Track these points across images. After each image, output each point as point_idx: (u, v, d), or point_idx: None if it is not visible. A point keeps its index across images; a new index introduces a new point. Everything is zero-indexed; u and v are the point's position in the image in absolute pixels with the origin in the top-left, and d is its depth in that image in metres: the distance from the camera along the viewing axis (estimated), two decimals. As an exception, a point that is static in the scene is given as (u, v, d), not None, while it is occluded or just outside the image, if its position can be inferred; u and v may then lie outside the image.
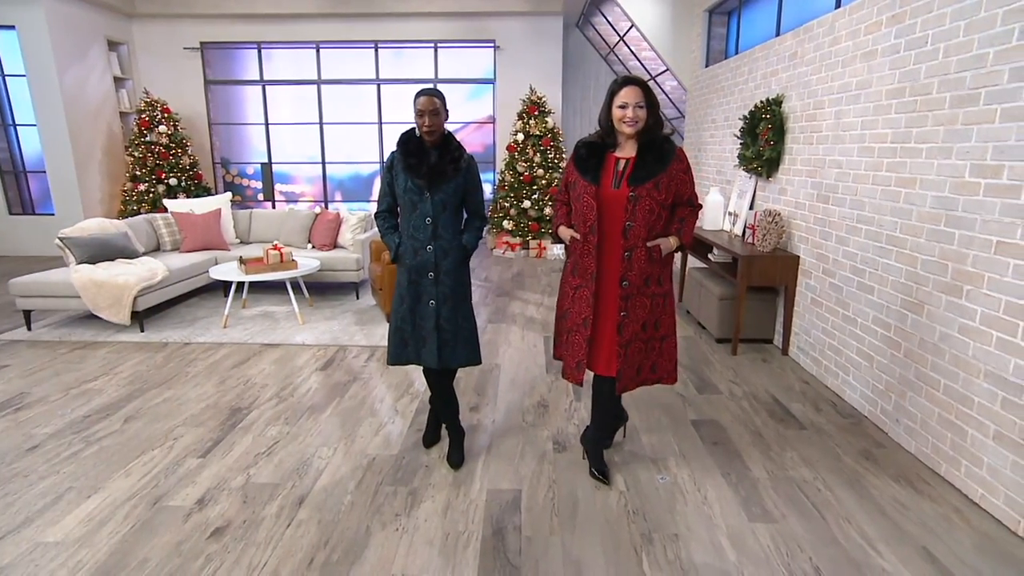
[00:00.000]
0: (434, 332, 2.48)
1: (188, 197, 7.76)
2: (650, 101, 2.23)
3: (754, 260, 3.92)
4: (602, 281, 2.33)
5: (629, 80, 2.24)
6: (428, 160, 2.43)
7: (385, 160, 2.51)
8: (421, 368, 2.64)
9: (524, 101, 7.82)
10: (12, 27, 6.93)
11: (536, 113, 7.72)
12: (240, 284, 5.46)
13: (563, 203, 2.52)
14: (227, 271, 4.70)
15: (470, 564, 2.01)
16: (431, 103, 2.37)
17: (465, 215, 2.62)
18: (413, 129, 2.49)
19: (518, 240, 7.70)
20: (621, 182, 2.25)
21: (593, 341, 2.38)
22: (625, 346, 2.31)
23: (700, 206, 2.39)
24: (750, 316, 4.16)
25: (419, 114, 2.39)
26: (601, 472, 2.51)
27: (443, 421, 2.77)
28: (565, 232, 2.45)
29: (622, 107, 2.22)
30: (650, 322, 2.35)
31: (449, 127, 2.55)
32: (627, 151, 2.29)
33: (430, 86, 2.45)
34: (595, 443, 2.59)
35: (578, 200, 2.33)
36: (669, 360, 2.44)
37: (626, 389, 2.37)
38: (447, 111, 2.46)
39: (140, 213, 7.51)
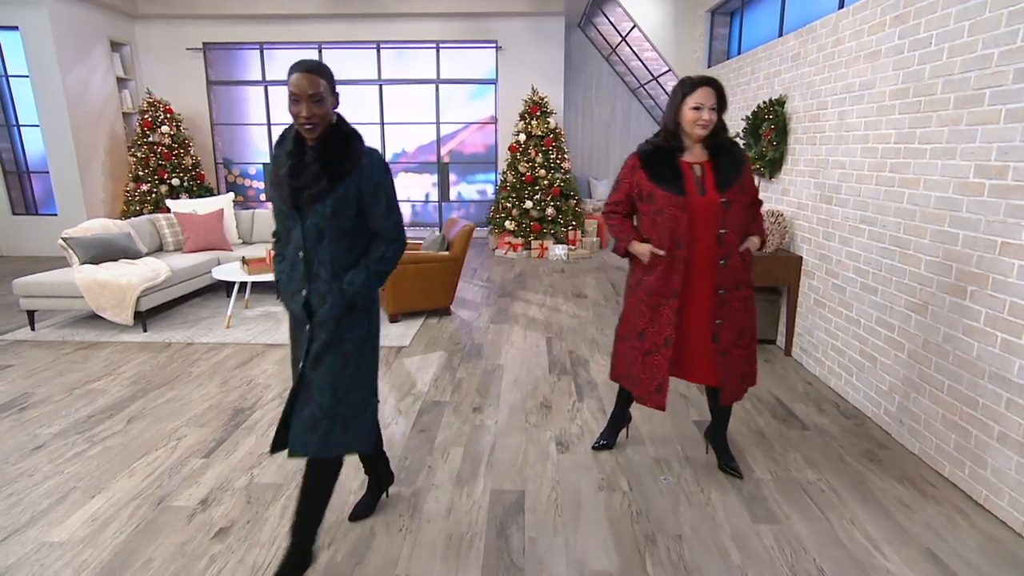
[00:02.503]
0: (301, 405, 1.81)
1: (191, 197, 7.77)
2: (721, 103, 2.14)
3: (757, 261, 3.91)
4: (691, 294, 2.23)
5: (705, 81, 2.12)
6: (302, 169, 1.74)
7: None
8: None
9: (526, 101, 7.82)
10: (15, 28, 6.95)
11: (538, 113, 7.72)
12: (243, 284, 5.47)
13: (623, 215, 2.34)
14: (230, 271, 4.71)
15: (474, 565, 2.01)
16: (310, 83, 1.65)
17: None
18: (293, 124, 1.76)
19: (520, 240, 7.70)
20: (705, 189, 2.16)
21: (683, 357, 2.29)
22: (724, 354, 2.26)
23: (762, 202, 2.38)
24: (753, 317, 4.15)
25: (293, 100, 1.67)
26: (732, 467, 2.53)
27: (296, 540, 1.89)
28: (643, 248, 2.26)
29: (696, 109, 2.10)
30: (747, 327, 2.31)
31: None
32: (695, 155, 2.20)
33: (311, 59, 1.71)
34: (722, 441, 2.60)
35: (660, 213, 2.19)
36: (754, 362, 2.43)
37: (733, 399, 2.34)
38: (336, 95, 1.76)
39: (143, 213, 7.52)
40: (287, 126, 1.83)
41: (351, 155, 1.74)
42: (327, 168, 1.71)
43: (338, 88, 1.79)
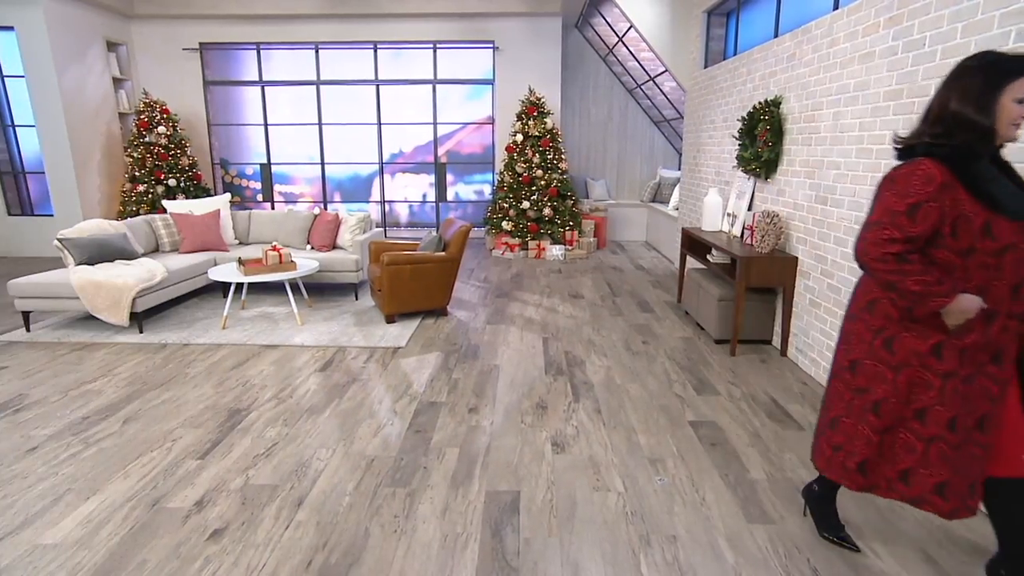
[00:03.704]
0: None
1: (187, 198, 7.76)
2: None
3: (752, 261, 3.92)
4: (1006, 361, 1.66)
5: None
6: None
7: None
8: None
9: (523, 102, 7.82)
10: (11, 28, 6.93)
11: (535, 114, 7.72)
12: (239, 285, 5.47)
13: (922, 260, 1.63)
14: (226, 272, 4.70)
15: (468, 566, 2.01)
16: None
17: None
18: None
19: (517, 241, 7.71)
20: None
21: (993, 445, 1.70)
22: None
23: None
24: (749, 317, 4.16)
25: None
26: None
27: None
28: (970, 302, 1.59)
29: (1022, 102, 1.52)
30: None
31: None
32: None
33: None
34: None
35: (1002, 252, 1.55)
36: None
37: None
38: None
39: (139, 214, 7.51)
40: None
41: None
42: None
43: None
